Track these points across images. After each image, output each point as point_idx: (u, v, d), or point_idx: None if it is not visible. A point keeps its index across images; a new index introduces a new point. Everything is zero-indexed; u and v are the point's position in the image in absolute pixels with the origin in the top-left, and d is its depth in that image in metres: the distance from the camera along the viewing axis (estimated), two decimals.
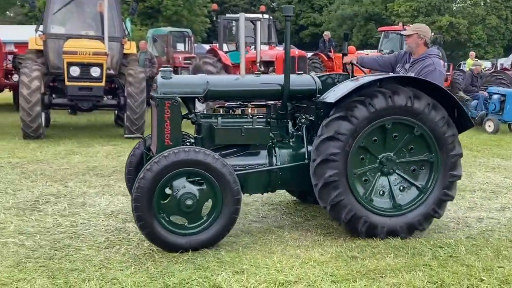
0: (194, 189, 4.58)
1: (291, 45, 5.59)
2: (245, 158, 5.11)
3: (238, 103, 5.49)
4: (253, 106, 5.58)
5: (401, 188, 5.05)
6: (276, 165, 5.12)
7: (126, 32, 12.12)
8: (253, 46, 14.40)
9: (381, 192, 5.02)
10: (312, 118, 5.22)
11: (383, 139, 4.94)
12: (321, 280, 4.08)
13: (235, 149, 5.11)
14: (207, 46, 22.54)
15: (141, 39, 19.70)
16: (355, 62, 5.89)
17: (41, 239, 4.90)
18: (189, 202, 4.53)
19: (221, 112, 5.40)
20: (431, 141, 4.93)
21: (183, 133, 5.37)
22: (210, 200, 4.64)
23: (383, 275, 4.19)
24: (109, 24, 10.90)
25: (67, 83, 10.49)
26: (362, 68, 5.98)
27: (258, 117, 5.27)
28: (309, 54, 18.98)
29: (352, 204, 4.83)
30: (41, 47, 11.03)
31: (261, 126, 5.16)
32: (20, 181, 7.11)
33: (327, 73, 6.09)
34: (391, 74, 5.54)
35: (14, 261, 4.34)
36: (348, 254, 4.61)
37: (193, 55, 19.07)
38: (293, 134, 5.34)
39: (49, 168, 7.93)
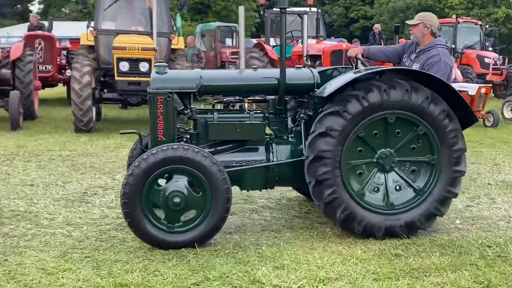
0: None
1: (341, 39, 5.53)
2: (242, 154, 5.02)
3: (237, 98, 5.37)
4: (250, 101, 5.36)
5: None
6: (273, 161, 4.99)
7: (174, 28, 12.27)
8: (300, 40, 14.30)
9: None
10: (311, 113, 5.07)
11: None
12: (363, 278, 4.01)
13: (231, 145, 5.04)
14: (255, 41, 22.53)
15: (191, 35, 19.89)
16: (360, 57, 5.68)
17: (87, 230, 5.02)
18: (176, 200, 4.46)
19: (218, 107, 5.38)
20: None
21: (186, 128, 5.43)
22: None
23: (427, 274, 4.09)
24: (157, 19, 11.04)
25: (116, 78, 10.72)
26: (367, 62, 5.80)
27: (255, 113, 5.12)
28: None
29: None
30: (92, 43, 11.30)
31: (256, 122, 5.03)
32: (70, 173, 7.32)
33: (333, 66, 5.93)
34: (389, 67, 5.35)
35: (60, 251, 4.46)
36: (391, 252, 4.51)
37: None
38: (292, 130, 5.19)
39: (98, 161, 8.12)
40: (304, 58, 12.52)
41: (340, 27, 51.99)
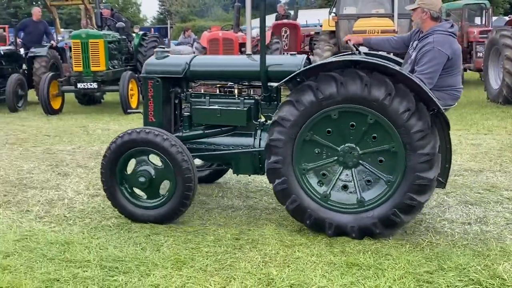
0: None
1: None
2: (232, 139, 5.11)
3: (235, 83, 5.26)
4: (242, 87, 5.25)
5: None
6: (262, 147, 4.85)
7: None
8: None
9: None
10: None
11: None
12: None
13: (220, 129, 5.12)
14: (508, 18, 20.56)
15: None
16: (351, 44, 5.25)
17: None
18: (142, 179, 4.78)
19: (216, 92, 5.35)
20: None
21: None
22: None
23: None
24: (399, 1, 10.81)
25: None
26: (356, 49, 5.26)
27: (246, 98, 5.09)
28: None
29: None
30: (333, 28, 11.59)
31: (236, 108, 5.02)
32: None
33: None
34: (344, 58, 4.72)
35: (297, 226, 4.70)
36: None
37: (489, 28, 17.64)
38: None
39: None
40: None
41: None
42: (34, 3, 55.37)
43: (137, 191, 4.95)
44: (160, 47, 5.55)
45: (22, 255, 4.19)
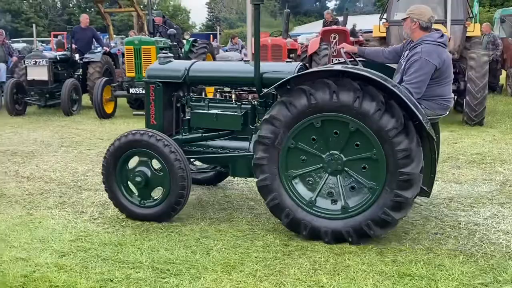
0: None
1: None
2: (229, 142, 5.26)
3: (239, 89, 5.47)
4: (239, 92, 5.45)
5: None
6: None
7: (471, 14, 11.58)
8: None
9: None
10: None
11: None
12: None
13: (218, 133, 5.29)
14: None
15: (488, 21, 18.55)
16: (343, 52, 5.21)
17: None
18: (138, 179, 5.02)
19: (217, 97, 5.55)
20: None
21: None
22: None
23: None
24: (452, 6, 10.58)
25: None
26: (353, 58, 5.30)
27: (244, 103, 5.24)
28: None
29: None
30: (384, 35, 11.43)
31: (230, 113, 5.18)
32: None
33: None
34: (313, 69, 4.86)
35: None
36: None
37: None
38: None
39: None
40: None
41: None
42: (87, 10, 57.01)
43: (131, 186, 5.18)
44: (165, 53, 5.75)
45: (77, 255, 4.31)
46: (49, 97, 12.87)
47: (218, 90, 5.79)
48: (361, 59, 5.35)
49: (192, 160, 5.78)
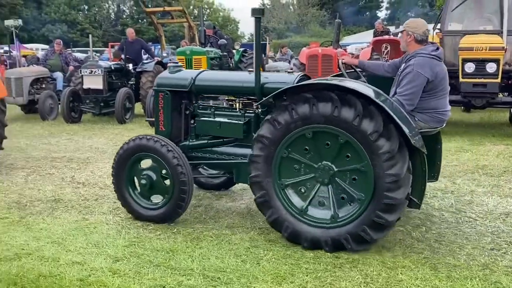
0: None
1: None
2: (234, 149, 5.40)
3: (244, 98, 5.50)
4: (240, 101, 5.47)
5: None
6: None
7: None
8: None
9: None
10: None
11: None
12: None
13: (223, 140, 5.44)
14: None
15: None
16: (341, 63, 5.41)
17: (425, 231, 5.04)
18: (143, 181, 5.28)
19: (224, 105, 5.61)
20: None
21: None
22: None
23: None
24: (509, 17, 10.32)
25: (461, 79, 10.41)
26: (355, 70, 5.48)
27: (247, 112, 5.33)
28: None
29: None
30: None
31: (233, 121, 5.32)
32: None
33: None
34: (309, 81, 4.81)
35: (401, 249, 4.59)
36: None
37: None
38: None
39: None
40: None
41: None
42: (140, 21, 58.30)
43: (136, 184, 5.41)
44: (176, 62, 5.96)
45: (130, 260, 4.41)
46: (103, 105, 13.21)
47: (226, 98, 5.92)
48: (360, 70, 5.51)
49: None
